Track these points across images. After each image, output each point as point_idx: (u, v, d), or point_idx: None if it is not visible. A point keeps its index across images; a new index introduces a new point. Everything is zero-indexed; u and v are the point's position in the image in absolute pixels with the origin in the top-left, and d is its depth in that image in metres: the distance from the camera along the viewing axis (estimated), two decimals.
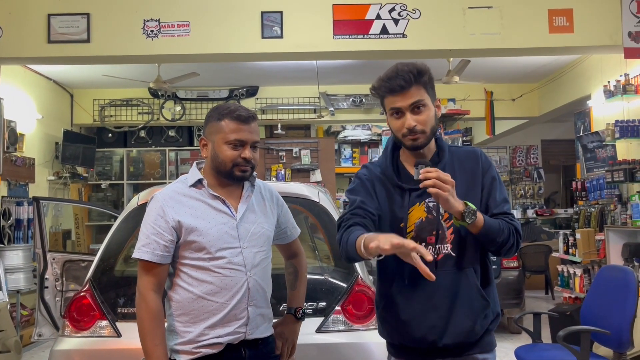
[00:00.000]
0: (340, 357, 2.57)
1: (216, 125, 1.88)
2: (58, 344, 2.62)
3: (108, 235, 2.92)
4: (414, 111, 1.75)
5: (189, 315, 1.85)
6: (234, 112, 1.87)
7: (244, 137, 1.86)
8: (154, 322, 1.81)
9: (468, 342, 1.80)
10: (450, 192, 1.64)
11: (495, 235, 1.73)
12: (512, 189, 10.79)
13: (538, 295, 8.44)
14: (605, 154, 6.26)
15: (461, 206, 1.67)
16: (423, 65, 1.78)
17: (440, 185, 1.63)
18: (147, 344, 1.80)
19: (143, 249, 1.84)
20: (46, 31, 5.10)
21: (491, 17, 5.15)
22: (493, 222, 1.75)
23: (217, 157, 1.88)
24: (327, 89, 8.34)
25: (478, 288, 1.79)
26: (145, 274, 1.84)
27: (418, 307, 1.79)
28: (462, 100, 8.33)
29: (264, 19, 5.14)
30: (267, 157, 8.65)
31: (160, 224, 1.84)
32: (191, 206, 1.87)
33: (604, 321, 3.37)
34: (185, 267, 1.87)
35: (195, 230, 1.84)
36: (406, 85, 1.73)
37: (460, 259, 1.78)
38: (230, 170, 1.87)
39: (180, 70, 6.88)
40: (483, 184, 1.83)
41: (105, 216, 8.11)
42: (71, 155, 7.74)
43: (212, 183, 1.92)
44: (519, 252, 6.82)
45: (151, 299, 1.82)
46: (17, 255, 5.82)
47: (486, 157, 1.88)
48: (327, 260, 2.96)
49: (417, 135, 1.76)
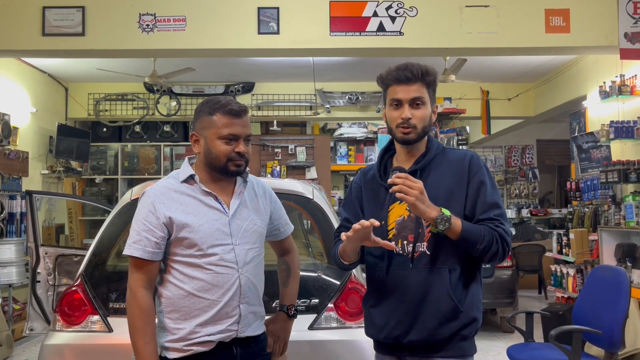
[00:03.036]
0: (332, 354, 2.58)
1: (208, 120, 1.86)
2: (49, 339, 2.61)
3: (101, 229, 2.90)
4: (413, 105, 1.82)
5: (180, 312, 1.83)
6: (226, 107, 1.84)
7: (237, 131, 1.84)
8: (144, 320, 1.79)
9: (432, 342, 1.79)
10: (419, 197, 1.68)
11: (474, 242, 1.73)
12: (507, 188, 10.82)
13: (531, 294, 8.47)
14: (599, 155, 6.27)
15: (434, 212, 1.70)
16: (432, 67, 1.87)
17: (406, 190, 1.68)
18: (137, 341, 1.78)
19: (134, 245, 1.82)
20: (41, 24, 5.06)
21: (488, 15, 5.15)
22: (473, 228, 1.74)
23: (210, 152, 1.86)
24: (324, 86, 8.32)
25: (448, 289, 1.77)
26: (136, 270, 1.82)
27: (391, 302, 1.83)
28: (458, 99, 8.34)
29: (261, 14, 5.12)
30: (262, 153, 8.63)
31: (151, 221, 1.82)
32: (182, 202, 1.85)
33: (596, 321, 3.38)
34: (176, 264, 1.85)
35: (187, 226, 1.82)
36: (413, 78, 1.82)
37: (435, 258, 1.79)
38: (224, 165, 1.85)
39: (176, 65, 6.86)
40: (469, 187, 1.82)
41: (99, 211, 8.08)
42: (65, 149, 7.70)
43: (204, 179, 1.90)
44: (512, 251, 6.86)
45: (142, 295, 1.80)
46: (9, 249, 5.79)
47: (477, 161, 1.87)
48: (321, 258, 2.95)
49: (410, 129, 1.82)
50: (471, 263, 1.83)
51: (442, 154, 1.89)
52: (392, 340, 1.83)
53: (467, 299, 1.80)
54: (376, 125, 9.68)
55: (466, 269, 1.82)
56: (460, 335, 1.80)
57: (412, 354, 1.84)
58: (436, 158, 1.87)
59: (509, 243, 1.79)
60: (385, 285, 1.85)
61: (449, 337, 1.79)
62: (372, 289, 1.91)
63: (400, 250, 1.83)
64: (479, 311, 1.84)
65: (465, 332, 1.80)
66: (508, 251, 1.79)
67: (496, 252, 1.76)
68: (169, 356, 1.83)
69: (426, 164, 1.86)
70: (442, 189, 1.81)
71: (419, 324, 1.78)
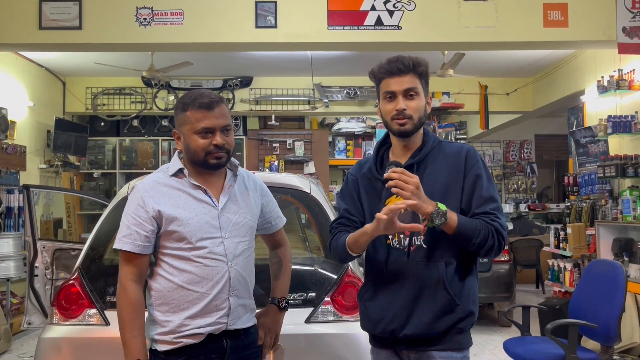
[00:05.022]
0: (328, 347, 2.58)
1: (183, 117, 1.86)
2: (46, 332, 2.61)
3: (97, 223, 2.91)
4: (407, 96, 1.82)
5: (169, 305, 1.84)
6: (196, 101, 1.83)
7: (211, 124, 1.82)
8: (133, 313, 1.80)
9: (428, 336, 1.79)
10: (414, 192, 1.67)
11: (470, 236, 1.73)
12: (505, 183, 10.84)
13: (529, 289, 8.50)
14: (597, 149, 6.28)
15: (430, 207, 1.69)
16: (422, 58, 1.87)
17: (402, 185, 1.67)
18: (125, 334, 1.79)
19: (124, 239, 1.82)
20: (37, 17, 5.04)
21: (486, 10, 5.14)
22: (469, 223, 1.74)
23: (189, 148, 1.85)
24: (322, 80, 8.31)
25: (444, 283, 1.77)
26: (126, 264, 1.83)
27: (388, 296, 1.83)
28: (456, 94, 8.33)
29: (258, 8, 5.10)
30: (260, 148, 8.64)
31: (141, 214, 1.83)
32: (171, 196, 1.86)
33: (592, 315, 3.40)
34: (166, 257, 1.85)
35: (176, 220, 1.82)
36: (405, 69, 1.82)
37: (431, 251, 1.79)
38: (204, 159, 1.84)
39: (174, 59, 6.84)
40: (465, 180, 1.82)
41: (97, 205, 8.07)
42: (63, 143, 7.68)
43: (192, 173, 1.90)
44: (510, 246, 6.87)
45: (131, 289, 1.81)
46: (7, 243, 5.78)
47: (474, 154, 1.86)
48: (318, 252, 2.96)
49: (405, 120, 1.82)
50: (467, 257, 1.83)
51: (439, 147, 1.88)
52: (388, 334, 1.83)
53: (463, 293, 1.80)
54: (374, 119, 9.67)
55: (462, 262, 1.82)
56: (456, 328, 1.80)
57: (408, 348, 1.84)
58: (433, 152, 1.86)
59: (505, 237, 1.79)
60: (383, 279, 1.85)
61: (445, 331, 1.79)
62: (369, 283, 1.91)
63: (397, 244, 1.83)
64: (475, 304, 1.84)
65: (462, 325, 1.80)
66: (504, 245, 1.79)
67: (492, 246, 1.76)
68: (159, 349, 1.84)
69: (423, 158, 1.85)
70: (438, 182, 1.81)
71: (415, 318, 1.78)
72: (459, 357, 1.81)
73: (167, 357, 1.83)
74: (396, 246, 1.83)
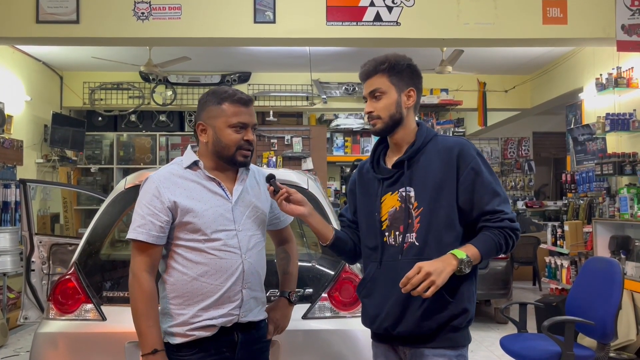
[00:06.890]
0: (326, 343, 2.58)
1: (216, 109, 1.88)
2: (42, 327, 2.60)
3: (94, 218, 2.90)
4: (373, 98, 1.86)
5: (183, 297, 1.84)
6: (234, 96, 1.88)
7: (246, 119, 1.88)
8: (148, 303, 1.80)
9: (421, 334, 1.78)
10: (431, 279, 1.64)
11: (494, 254, 1.78)
12: (502, 180, 10.84)
13: (526, 286, 8.51)
14: (595, 147, 6.28)
15: (451, 266, 1.67)
16: (387, 55, 1.88)
17: (424, 285, 1.65)
18: (140, 325, 1.78)
19: (138, 229, 1.82)
20: (34, 11, 5.01)
21: (485, 6, 5.13)
22: (488, 244, 1.75)
23: (219, 141, 1.87)
24: (320, 76, 8.29)
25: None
26: (140, 254, 1.83)
27: (382, 293, 1.84)
28: (455, 91, 8.33)
29: (257, 3, 5.08)
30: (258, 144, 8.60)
31: (156, 205, 1.83)
32: (186, 187, 1.87)
33: (589, 312, 3.40)
34: (179, 249, 1.86)
35: (191, 211, 1.83)
36: (369, 72, 1.87)
37: (423, 249, 1.78)
38: (233, 154, 1.88)
39: (172, 54, 6.81)
40: (461, 177, 1.79)
41: (95, 200, 8.05)
42: (60, 138, 7.66)
43: (208, 166, 1.92)
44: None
45: (145, 279, 1.81)
46: (4, 237, 5.77)
47: (468, 150, 1.82)
48: (315, 248, 2.95)
49: (375, 121, 1.87)
50: None
51: (434, 142, 1.87)
52: (383, 331, 1.84)
53: (457, 290, 1.77)
54: None
55: None
56: (450, 326, 1.78)
57: (403, 344, 1.84)
58: (426, 147, 1.85)
59: (518, 228, 1.80)
60: (378, 276, 1.86)
61: (437, 328, 1.77)
62: (366, 279, 1.92)
63: (392, 241, 1.83)
64: (471, 302, 1.82)
65: (456, 323, 1.78)
66: (519, 234, 1.81)
67: (511, 246, 1.79)
68: (171, 342, 1.84)
69: (414, 154, 1.85)
70: (429, 177, 1.80)
71: (407, 316, 1.78)
72: (453, 355, 1.79)
73: (178, 350, 1.83)
74: (391, 243, 1.83)
